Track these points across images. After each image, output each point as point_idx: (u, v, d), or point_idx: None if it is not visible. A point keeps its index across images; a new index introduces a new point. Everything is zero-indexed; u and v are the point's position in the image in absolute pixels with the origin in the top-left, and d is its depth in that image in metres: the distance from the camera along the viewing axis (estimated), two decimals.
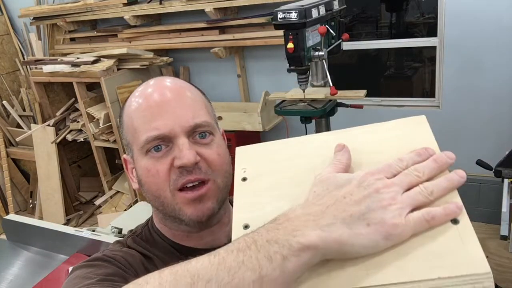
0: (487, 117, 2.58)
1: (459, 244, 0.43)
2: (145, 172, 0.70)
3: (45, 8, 3.60)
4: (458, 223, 0.45)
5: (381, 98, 2.94)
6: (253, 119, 2.87)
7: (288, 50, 1.78)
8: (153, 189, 0.70)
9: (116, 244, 0.78)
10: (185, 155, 0.66)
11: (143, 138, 0.69)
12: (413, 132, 0.56)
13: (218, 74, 3.30)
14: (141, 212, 2.07)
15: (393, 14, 3.98)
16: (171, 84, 0.75)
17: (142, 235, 0.80)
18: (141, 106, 0.71)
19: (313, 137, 0.60)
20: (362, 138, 0.57)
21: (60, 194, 3.57)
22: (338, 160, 0.52)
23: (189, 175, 0.67)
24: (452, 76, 2.62)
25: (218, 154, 0.71)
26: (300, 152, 0.58)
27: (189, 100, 0.72)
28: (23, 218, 1.82)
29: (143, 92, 0.74)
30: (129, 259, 0.71)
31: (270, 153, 0.60)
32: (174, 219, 0.72)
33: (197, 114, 0.70)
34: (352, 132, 0.58)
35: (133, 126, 0.71)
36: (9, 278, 1.64)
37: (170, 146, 0.69)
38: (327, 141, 0.57)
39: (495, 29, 2.40)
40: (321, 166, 0.53)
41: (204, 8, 2.82)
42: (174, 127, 0.68)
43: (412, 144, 0.52)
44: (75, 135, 3.49)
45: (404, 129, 0.57)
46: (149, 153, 0.69)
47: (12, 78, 4.02)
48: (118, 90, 3.05)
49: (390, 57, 4.11)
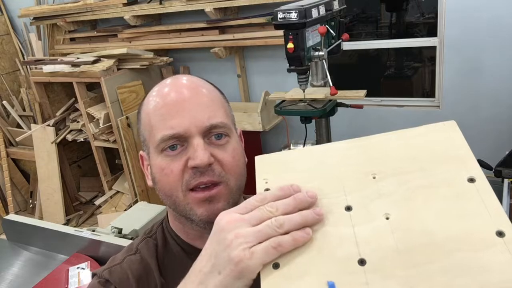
0: (487, 117, 2.58)
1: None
2: (159, 170, 0.70)
3: (45, 8, 3.60)
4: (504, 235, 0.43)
5: (381, 98, 2.94)
6: (253, 119, 2.87)
7: (288, 50, 1.77)
8: (166, 188, 0.70)
9: (124, 253, 0.79)
10: (199, 156, 0.66)
11: (159, 137, 0.68)
12: (446, 137, 0.54)
13: (218, 74, 3.30)
14: (141, 212, 2.06)
15: (393, 14, 3.98)
16: (189, 82, 0.74)
17: (156, 235, 0.80)
18: (158, 104, 0.71)
19: (334, 145, 0.58)
20: (390, 145, 0.55)
21: (60, 194, 3.57)
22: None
23: (201, 177, 0.67)
24: (452, 76, 2.62)
25: (232, 156, 0.70)
26: (324, 161, 0.56)
27: (206, 100, 0.71)
28: (23, 218, 1.82)
29: (161, 90, 0.73)
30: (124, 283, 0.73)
31: (290, 162, 0.58)
32: (186, 219, 0.72)
33: (214, 115, 0.70)
34: (378, 139, 0.56)
35: (150, 124, 0.71)
36: (9, 278, 1.64)
37: (185, 145, 0.68)
38: (349, 149, 0.56)
39: (495, 29, 2.40)
40: (347, 176, 0.52)
41: (204, 8, 2.82)
42: (190, 127, 0.67)
43: (445, 150, 0.51)
44: (75, 135, 3.48)
45: (435, 135, 0.55)
46: (164, 152, 0.69)
47: (12, 78, 4.02)
48: (118, 90, 3.05)
49: (390, 57, 4.11)
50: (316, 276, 0.45)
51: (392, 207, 0.49)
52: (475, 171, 0.49)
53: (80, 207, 3.93)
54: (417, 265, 0.44)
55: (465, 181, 0.49)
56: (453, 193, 0.48)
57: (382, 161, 0.53)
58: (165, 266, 0.76)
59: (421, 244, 0.45)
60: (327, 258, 0.46)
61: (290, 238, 0.47)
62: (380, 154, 0.53)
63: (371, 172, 0.53)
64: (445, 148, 0.52)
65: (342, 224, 0.49)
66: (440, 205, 0.47)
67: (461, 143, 0.53)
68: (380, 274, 0.44)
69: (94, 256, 1.60)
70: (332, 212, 0.50)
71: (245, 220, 0.48)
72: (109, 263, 0.78)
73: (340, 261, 0.46)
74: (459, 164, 0.50)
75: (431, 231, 0.46)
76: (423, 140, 0.54)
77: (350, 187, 0.52)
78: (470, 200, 0.47)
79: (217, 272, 0.48)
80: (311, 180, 0.54)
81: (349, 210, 0.50)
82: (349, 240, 0.47)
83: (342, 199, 0.51)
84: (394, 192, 0.50)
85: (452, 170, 0.50)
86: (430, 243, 0.45)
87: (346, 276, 0.44)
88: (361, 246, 0.46)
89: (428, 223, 0.46)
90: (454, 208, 0.47)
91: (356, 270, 0.45)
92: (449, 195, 0.48)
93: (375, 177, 0.52)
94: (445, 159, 0.51)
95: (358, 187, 0.52)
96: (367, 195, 0.51)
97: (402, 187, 0.50)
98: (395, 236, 0.46)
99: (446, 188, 0.49)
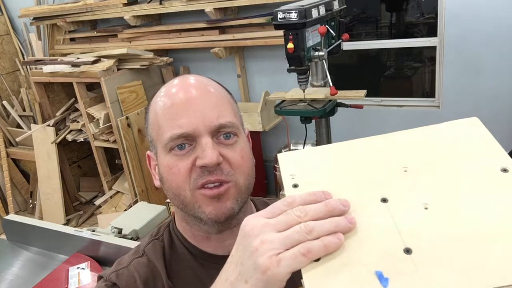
0: (487, 117, 2.56)
1: None
2: (167, 169, 0.69)
3: (45, 8, 3.60)
4: None
5: (381, 98, 2.94)
6: (253, 119, 2.87)
7: (288, 50, 1.77)
8: (174, 187, 0.69)
9: (131, 255, 0.79)
10: (208, 155, 0.65)
11: (167, 136, 0.68)
12: (472, 132, 0.53)
13: (218, 74, 3.30)
14: (141, 212, 2.06)
15: (393, 14, 3.99)
16: (197, 82, 0.74)
17: (163, 237, 0.80)
18: (166, 104, 0.70)
19: (355, 142, 0.57)
20: (414, 141, 0.54)
21: (60, 194, 3.57)
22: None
23: (209, 176, 0.66)
24: (452, 76, 2.62)
25: (241, 156, 0.70)
26: (350, 157, 0.55)
27: (215, 99, 0.71)
28: (23, 218, 1.82)
29: (169, 90, 0.73)
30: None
31: (315, 158, 0.57)
32: (194, 219, 0.71)
33: (223, 114, 0.69)
34: (400, 136, 0.55)
35: (158, 123, 0.71)
36: (9, 278, 1.64)
37: (194, 145, 0.68)
38: (373, 145, 0.55)
39: (495, 29, 2.40)
40: (377, 171, 0.51)
41: (204, 8, 2.82)
42: (199, 126, 0.67)
43: (474, 143, 0.51)
44: (75, 135, 3.49)
45: (461, 129, 0.54)
46: (172, 151, 0.68)
47: (12, 78, 4.02)
48: (118, 90, 3.05)
49: (390, 57, 4.11)
50: (361, 266, 0.43)
51: (430, 197, 0.48)
52: (507, 161, 0.49)
53: (80, 207, 3.93)
54: (466, 252, 0.42)
55: (499, 171, 0.48)
56: (489, 183, 0.48)
57: (411, 156, 0.52)
58: (172, 269, 0.75)
59: (465, 232, 0.44)
60: (370, 250, 0.44)
61: (321, 243, 0.44)
62: (406, 150, 0.53)
63: (402, 166, 0.52)
64: (474, 141, 0.52)
65: (380, 215, 0.47)
66: (477, 194, 0.47)
67: (489, 137, 0.52)
68: (429, 262, 0.42)
69: (94, 256, 1.60)
70: (367, 205, 0.48)
71: (272, 225, 0.46)
72: (115, 266, 0.77)
73: (385, 252, 0.44)
74: (490, 156, 0.50)
75: (474, 219, 0.45)
76: (449, 135, 0.54)
77: (382, 181, 0.50)
78: (506, 188, 0.47)
79: (244, 281, 0.46)
80: (339, 175, 0.52)
81: (385, 202, 0.49)
82: (390, 231, 0.46)
83: (376, 192, 0.50)
84: (429, 183, 0.49)
85: (484, 161, 0.50)
86: (474, 231, 0.44)
87: (393, 265, 0.42)
88: (404, 235, 0.45)
89: (469, 212, 0.45)
90: (492, 197, 0.46)
91: (403, 258, 0.43)
92: (485, 184, 0.48)
93: (406, 170, 0.51)
94: (475, 152, 0.51)
95: (391, 180, 0.50)
96: (402, 187, 0.50)
97: (436, 178, 0.49)
98: (437, 225, 0.45)
99: (481, 178, 0.48)
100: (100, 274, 0.77)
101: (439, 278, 0.41)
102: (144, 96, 3.20)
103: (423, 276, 0.41)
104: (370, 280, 0.41)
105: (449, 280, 0.40)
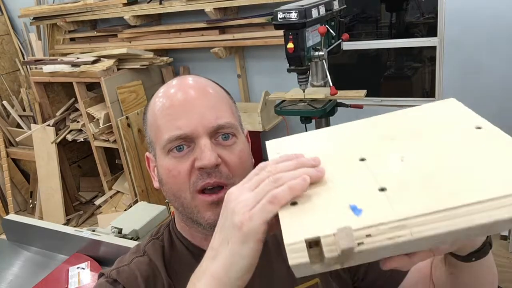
0: (487, 117, 2.56)
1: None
2: (166, 172, 0.69)
3: (45, 8, 3.60)
4: None
5: (381, 98, 2.94)
6: (253, 119, 2.87)
7: (288, 50, 1.77)
8: (174, 189, 0.69)
9: (132, 254, 0.79)
10: (206, 156, 0.65)
11: (166, 137, 0.68)
12: (451, 108, 0.58)
13: (218, 74, 3.30)
14: (141, 212, 2.06)
15: (393, 14, 3.98)
16: (195, 82, 0.74)
17: (163, 237, 0.80)
18: (165, 105, 0.70)
19: (344, 126, 0.60)
20: (398, 119, 0.59)
21: (60, 194, 3.57)
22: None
23: (208, 178, 0.66)
24: (452, 76, 2.62)
25: (239, 158, 0.70)
26: (336, 136, 0.58)
27: (214, 100, 0.71)
28: (23, 218, 1.82)
29: (167, 91, 0.73)
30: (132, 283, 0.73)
31: (303, 142, 0.59)
32: (193, 222, 0.71)
33: (221, 115, 0.69)
34: (384, 116, 0.60)
35: (156, 125, 0.71)
36: (9, 278, 1.64)
37: (192, 146, 0.68)
38: (360, 124, 0.59)
39: (495, 29, 2.40)
40: (361, 143, 0.54)
41: (204, 8, 2.82)
42: (197, 127, 0.67)
43: (452, 114, 0.56)
44: (75, 135, 3.49)
45: (441, 107, 0.59)
46: (171, 153, 0.68)
47: (12, 78, 4.02)
48: (118, 90, 3.05)
49: (390, 57, 4.11)
50: (337, 203, 0.45)
51: (407, 152, 0.51)
52: (482, 122, 0.54)
53: (80, 207, 3.93)
54: (437, 184, 0.44)
55: (474, 129, 0.53)
56: (463, 138, 0.51)
57: (395, 130, 0.55)
58: (172, 267, 0.76)
59: (439, 172, 0.46)
60: (345, 191, 0.46)
61: (286, 187, 0.45)
62: (391, 127, 0.56)
63: (386, 137, 0.55)
64: (453, 112, 0.57)
65: (357, 169, 0.50)
66: (452, 147, 0.50)
67: (465, 109, 0.57)
68: (402, 194, 0.44)
69: (94, 256, 1.60)
70: (345, 163, 0.51)
71: (246, 187, 0.48)
72: (116, 264, 0.78)
73: (361, 192, 0.46)
74: (467, 120, 0.55)
75: (447, 162, 0.47)
76: (431, 112, 0.58)
77: (365, 149, 0.53)
78: (479, 140, 0.51)
79: (226, 243, 0.48)
80: (324, 152, 0.54)
81: (363, 160, 0.51)
82: (366, 177, 0.48)
83: (356, 155, 0.52)
84: (409, 145, 0.52)
85: (461, 124, 0.54)
86: (447, 168, 0.46)
87: (368, 200, 0.44)
88: (379, 179, 0.47)
89: (442, 160, 0.48)
90: (465, 147, 0.50)
91: (378, 195, 0.45)
92: (460, 140, 0.51)
93: (391, 139, 0.54)
94: (454, 120, 0.56)
95: (373, 148, 0.53)
96: (381, 149, 0.52)
97: (416, 141, 0.52)
98: (411, 170, 0.47)
99: (457, 136, 0.52)
100: (102, 272, 0.78)
101: (408, 202, 0.43)
102: (144, 96, 3.20)
103: (395, 204, 0.43)
104: (344, 212, 0.43)
105: (417, 201, 0.43)
